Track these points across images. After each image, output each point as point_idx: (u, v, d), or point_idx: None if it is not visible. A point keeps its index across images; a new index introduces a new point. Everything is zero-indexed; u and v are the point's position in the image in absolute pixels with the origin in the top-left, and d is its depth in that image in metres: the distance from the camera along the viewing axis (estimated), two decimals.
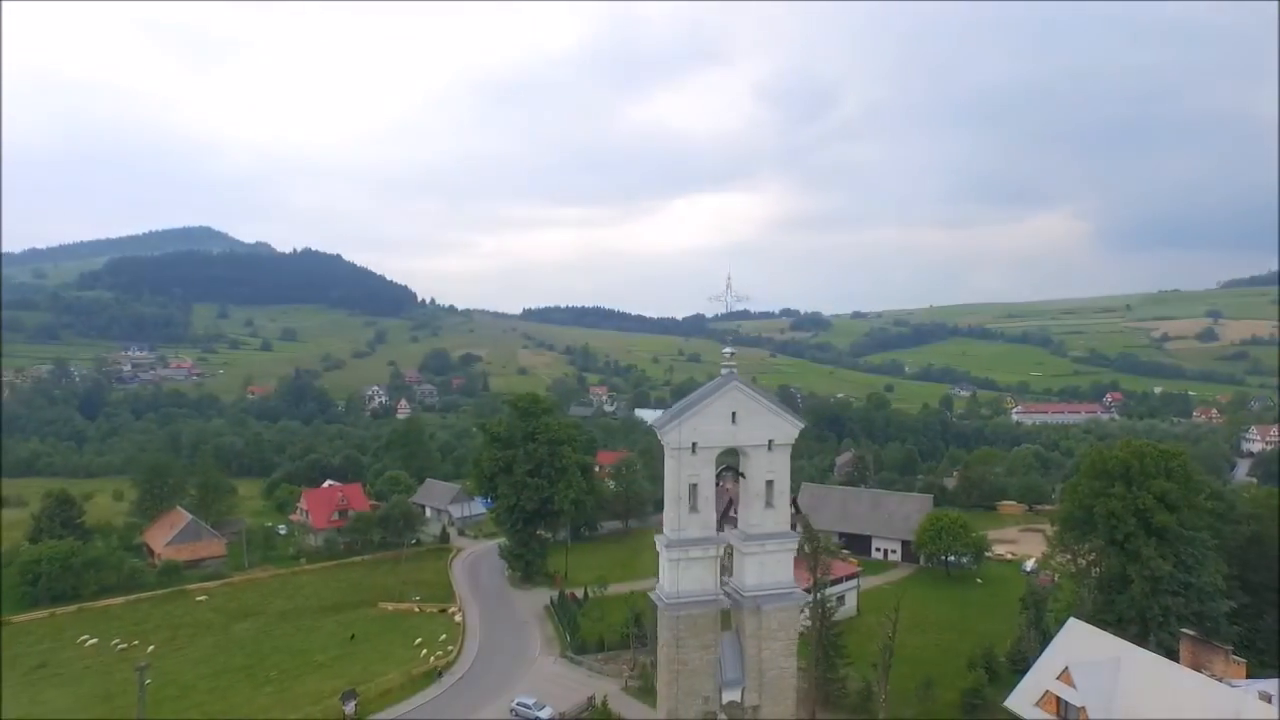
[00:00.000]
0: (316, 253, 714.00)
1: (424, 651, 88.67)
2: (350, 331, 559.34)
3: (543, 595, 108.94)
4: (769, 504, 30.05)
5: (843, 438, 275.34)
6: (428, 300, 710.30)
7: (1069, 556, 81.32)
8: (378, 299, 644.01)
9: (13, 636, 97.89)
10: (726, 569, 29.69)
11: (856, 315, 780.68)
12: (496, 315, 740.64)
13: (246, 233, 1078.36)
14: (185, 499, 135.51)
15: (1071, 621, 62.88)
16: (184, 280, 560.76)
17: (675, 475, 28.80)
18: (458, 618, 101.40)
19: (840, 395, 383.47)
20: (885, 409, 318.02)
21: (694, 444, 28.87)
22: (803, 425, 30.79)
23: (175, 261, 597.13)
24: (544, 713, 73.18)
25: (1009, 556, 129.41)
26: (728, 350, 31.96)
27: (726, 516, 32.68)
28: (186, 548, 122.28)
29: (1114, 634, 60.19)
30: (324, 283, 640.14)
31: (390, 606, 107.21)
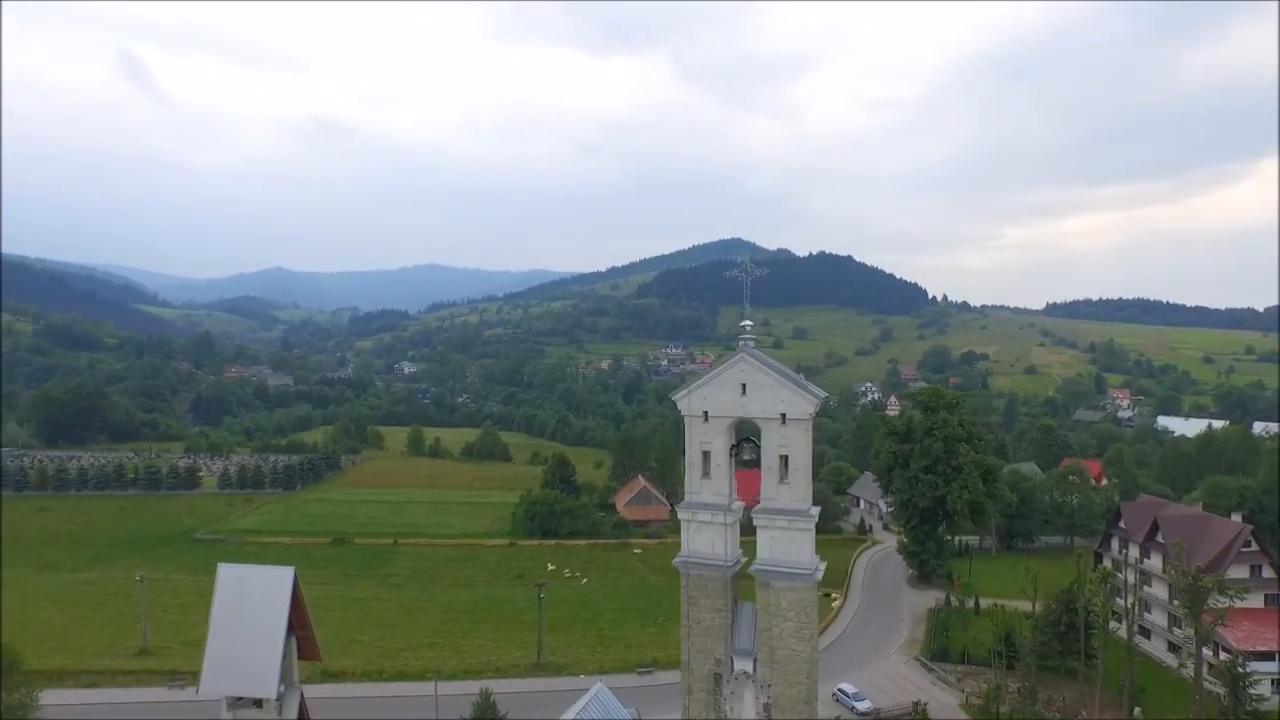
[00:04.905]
0: (830, 255, 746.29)
1: None
2: (857, 329, 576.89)
3: (934, 597, 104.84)
4: (784, 479, 29.63)
5: None
6: (939, 297, 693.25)
7: None
8: (886, 297, 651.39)
9: (516, 554, 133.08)
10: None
11: None
12: (1014, 311, 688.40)
13: (770, 241, 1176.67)
14: (646, 470, 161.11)
15: None
16: (714, 287, 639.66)
17: (690, 442, 30.65)
18: (835, 604, 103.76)
19: None
20: None
21: (705, 412, 30.25)
22: (823, 398, 28.71)
23: (708, 271, 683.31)
24: (861, 704, 72.85)
25: None
26: (746, 323, 31.62)
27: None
28: (638, 510, 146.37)
29: None
30: (835, 283, 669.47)
31: None
